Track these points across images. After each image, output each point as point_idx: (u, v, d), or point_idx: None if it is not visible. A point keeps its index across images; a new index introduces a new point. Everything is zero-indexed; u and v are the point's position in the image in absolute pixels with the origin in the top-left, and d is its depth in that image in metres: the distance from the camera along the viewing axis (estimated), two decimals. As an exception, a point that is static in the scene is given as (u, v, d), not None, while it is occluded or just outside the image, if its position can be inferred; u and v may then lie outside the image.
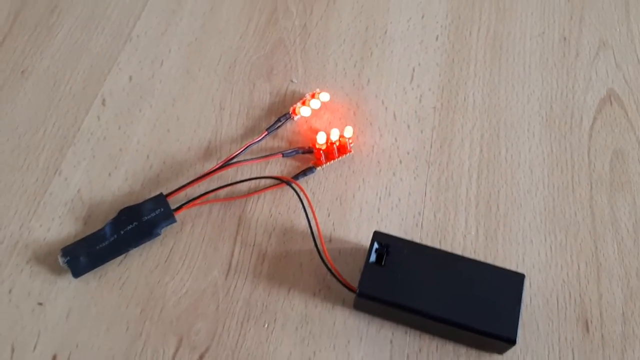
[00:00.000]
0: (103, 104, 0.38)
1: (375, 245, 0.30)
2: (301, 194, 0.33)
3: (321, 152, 0.35)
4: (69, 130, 0.37)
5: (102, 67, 0.40)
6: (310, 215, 0.33)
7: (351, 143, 0.36)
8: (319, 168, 0.35)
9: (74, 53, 0.41)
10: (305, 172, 0.35)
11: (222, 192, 0.35)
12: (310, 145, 0.36)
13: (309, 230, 0.32)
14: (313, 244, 0.32)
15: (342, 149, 0.36)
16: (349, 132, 0.35)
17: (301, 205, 0.33)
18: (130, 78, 0.39)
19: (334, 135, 0.35)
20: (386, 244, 0.30)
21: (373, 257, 0.30)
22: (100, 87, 0.39)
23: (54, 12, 0.43)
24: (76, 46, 0.41)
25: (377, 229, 0.31)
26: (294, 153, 0.36)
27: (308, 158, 0.36)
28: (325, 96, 0.38)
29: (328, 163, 0.36)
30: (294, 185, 0.34)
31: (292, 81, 0.39)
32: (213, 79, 0.39)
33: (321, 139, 0.35)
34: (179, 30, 0.42)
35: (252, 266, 0.33)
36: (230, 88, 0.39)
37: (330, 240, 0.33)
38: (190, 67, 0.40)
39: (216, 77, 0.39)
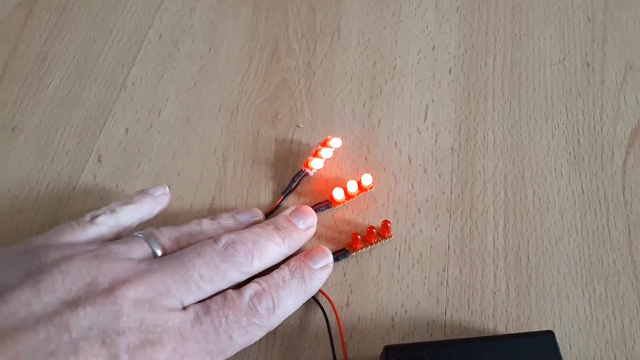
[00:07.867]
0: (99, 160, 0.36)
1: None
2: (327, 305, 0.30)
3: (358, 237, 0.31)
4: (64, 191, 0.35)
5: (96, 120, 0.38)
6: (335, 332, 0.29)
7: (389, 234, 0.32)
8: (353, 254, 0.32)
9: (66, 105, 0.38)
10: (337, 257, 0.31)
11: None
12: (328, 199, 0.33)
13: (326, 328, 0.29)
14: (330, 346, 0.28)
15: (384, 231, 0.32)
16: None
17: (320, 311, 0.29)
18: (127, 130, 0.37)
19: (352, 187, 0.33)
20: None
21: None
22: (95, 141, 0.37)
23: (44, 60, 0.41)
24: (69, 97, 0.39)
25: (399, 289, 0.28)
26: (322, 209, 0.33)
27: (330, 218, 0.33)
28: (337, 142, 0.35)
29: (365, 248, 0.32)
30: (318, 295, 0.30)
31: (298, 126, 0.37)
32: (214, 127, 0.37)
33: (338, 194, 0.33)
34: (177, 75, 0.39)
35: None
36: (233, 137, 0.36)
37: (347, 305, 0.31)
38: (190, 115, 0.38)
39: (218, 125, 0.37)
